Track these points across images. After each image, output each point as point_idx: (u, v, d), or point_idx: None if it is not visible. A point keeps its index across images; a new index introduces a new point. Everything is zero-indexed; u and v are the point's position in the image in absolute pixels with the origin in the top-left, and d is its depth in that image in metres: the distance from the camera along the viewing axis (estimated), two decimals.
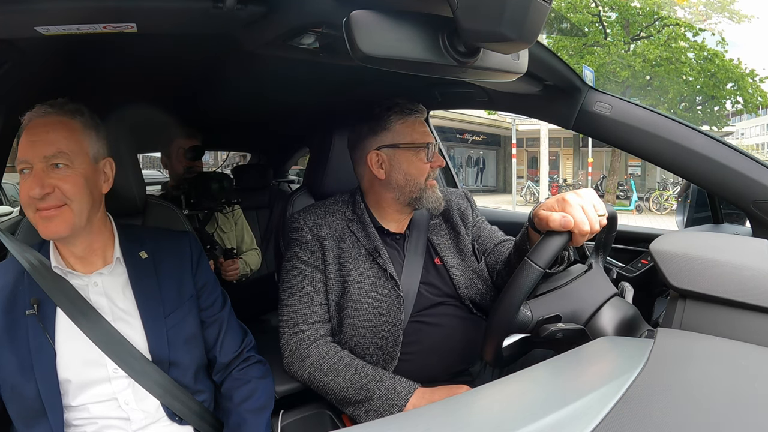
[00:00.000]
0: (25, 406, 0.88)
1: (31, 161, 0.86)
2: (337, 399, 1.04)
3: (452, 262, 1.18)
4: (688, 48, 12.76)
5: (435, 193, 1.13)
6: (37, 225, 0.87)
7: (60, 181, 0.87)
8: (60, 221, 0.86)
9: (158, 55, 1.07)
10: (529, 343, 1.02)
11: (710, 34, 13.35)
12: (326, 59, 0.85)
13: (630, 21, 12.98)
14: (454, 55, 0.68)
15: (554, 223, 0.86)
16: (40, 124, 0.89)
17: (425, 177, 1.12)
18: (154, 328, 0.94)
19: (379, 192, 1.16)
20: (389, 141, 1.12)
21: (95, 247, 0.95)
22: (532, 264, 0.83)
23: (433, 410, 0.65)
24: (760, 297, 0.72)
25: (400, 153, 1.11)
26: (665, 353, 0.65)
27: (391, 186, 1.13)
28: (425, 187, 1.12)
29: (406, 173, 1.11)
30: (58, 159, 0.87)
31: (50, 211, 0.86)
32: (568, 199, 0.88)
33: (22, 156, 0.87)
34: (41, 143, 0.87)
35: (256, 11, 0.74)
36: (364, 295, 1.08)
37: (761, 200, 1.03)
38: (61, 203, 0.86)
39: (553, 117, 1.28)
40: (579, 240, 0.88)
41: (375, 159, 1.13)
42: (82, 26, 0.73)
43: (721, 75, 12.76)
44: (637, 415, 0.52)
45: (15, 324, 0.89)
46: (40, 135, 0.87)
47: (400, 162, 1.11)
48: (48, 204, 0.85)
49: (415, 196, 1.12)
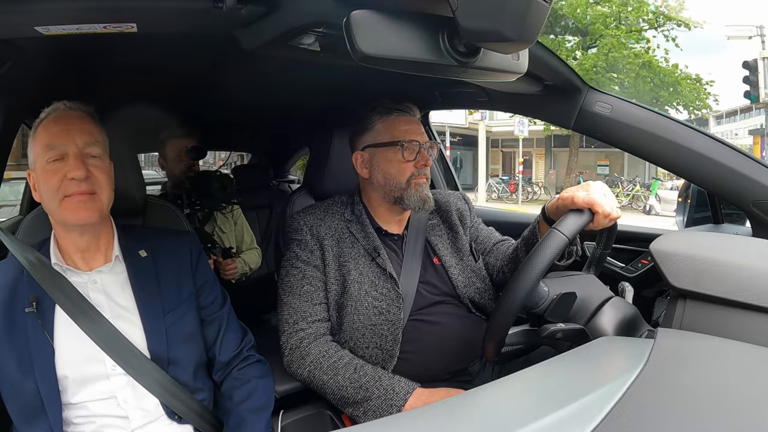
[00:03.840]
0: (25, 404, 0.88)
1: (66, 147, 0.89)
2: (336, 398, 1.04)
3: (450, 262, 1.18)
4: (626, 56, 13.51)
5: (419, 192, 1.10)
6: (64, 211, 0.89)
7: (95, 169, 0.90)
8: (92, 207, 0.90)
9: (158, 55, 1.07)
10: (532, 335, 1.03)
11: (661, 41, 14.20)
12: (326, 59, 0.85)
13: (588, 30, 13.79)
14: (454, 55, 0.68)
15: (579, 200, 0.92)
16: (73, 116, 0.92)
17: (407, 176, 1.10)
18: (153, 325, 0.94)
19: (368, 192, 1.17)
20: (370, 141, 1.13)
21: (100, 242, 0.96)
22: (558, 233, 0.87)
23: (433, 410, 0.65)
24: (761, 297, 0.72)
25: (379, 152, 1.12)
26: (665, 353, 0.65)
27: (374, 185, 1.14)
28: (406, 186, 1.10)
29: (384, 172, 1.11)
30: (93, 148, 0.91)
31: (84, 196, 0.88)
32: (591, 184, 0.94)
33: (56, 141, 0.89)
34: (77, 131, 0.90)
35: (256, 11, 0.74)
36: (363, 294, 1.08)
37: (761, 200, 1.03)
38: (94, 191, 0.90)
39: (553, 117, 1.28)
40: (601, 221, 0.92)
41: (359, 159, 1.14)
42: (82, 26, 0.73)
43: (657, 81, 13.56)
44: (637, 415, 0.52)
45: (14, 322, 0.89)
46: (74, 124, 0.91)
47: (378, 161, 1.12)
48: (83, 189, 0.88)
49: (396, 195, 1.11)
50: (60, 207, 0.89)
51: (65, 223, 0.91)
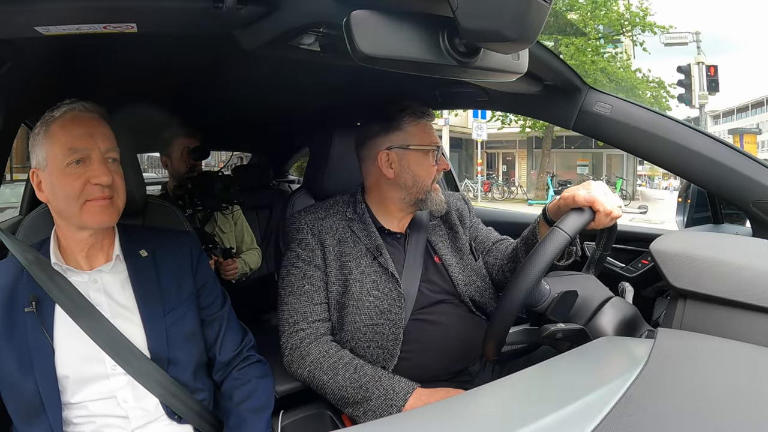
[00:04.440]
0: (25, 404, 0.88)
1: (90, 151, 0.90)
2: (336, 398, 1.04)
3: (451, 261, 1.19)
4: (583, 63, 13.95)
5: (439, 196, 1.16)
6: (85, 215, 0.89)
7: (115, 174, 0.92)
8: (112, 211, 0.92)
9: (158, 56, 1.07)
10: (532, 334, 1.03)
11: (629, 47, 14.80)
12: (326, 59, 0.85)
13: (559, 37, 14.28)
14: (454, 55, 0.68)
15: (579, 198, 0.92)
16: (91, 119, 0.92)
17: (432, 179, 1.14)
18: (153, 325, 0.94)
19: (385, 191, 1.17)
20: (400, 141, 1.14)
21: (104, 241, 0.97)
22: (560, 230, 0.87)
23: (433, 410, 0.65)
24: (761, 297, 0.72)
25: (410, 154, 1.13)
26: (665, 353, 0.65)
27: (399, 186, 1.15)
28: (431, 189, 1.14)
29: (414, 174, 1.13)
30: (113, 153, 0.93)
31: (105, 201, 0.90)
32: (591, 183, 0.95)
33: (79, 145, 0.89)
34: (100, 136, 0.91)
35: (256, 11, 0.74)
36: (365, 294, 1.09)
37: (761, 200, 1.03)
38: (113, 195, 0.91)
39: (553, 117, 1.28)
40: (602, 220, 0.93)
41: (385, 158, 1.14)
42: (82, 26, 0.73)
43: (612, 86, 13.95)
44: (638, 416, 0.52)
45: (14, 322, 0.89)
46: (96, 128, 0.92)
47: (409, 163, 1.13)
48: (105, 194, 0.90)
49: (421, 197, 1.14)
50: (81, 211, 0.89)
51: (84, 226, 0.92)
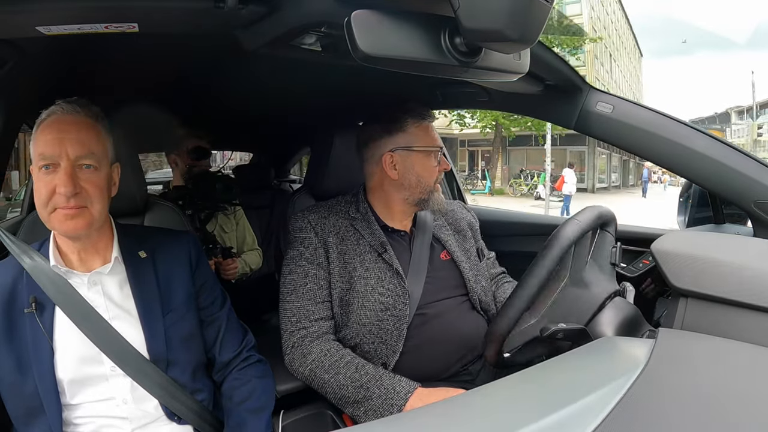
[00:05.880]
0: (24, 405, 0.88)
1: (58, 158, 0.86)
2: (337, 397, 1.04)
3: (460, 258, 1.22)
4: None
5: (440, 196, 1.18)
6: (53, 222, 0.88)
7: (86, 182, 0.87)
8: (81, 220, 0.87)
9: (159, 56, 1.07)
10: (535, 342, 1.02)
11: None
12: (327, 59, 0.85)
13: None
14: (455, 55, 0.68)
15: None
16: (70, 122, 0.88)
17: (434, 179, 1.16)
18: (152, 326, 0.94)
19: (389, 191, 1.18)
20: (404, 143, 1.14)
21: (98, 245, 0.96)
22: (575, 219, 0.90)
23: (434, 410, 0.65)
24: (761, 297, 0.72)
25: (414, 155, 1.14)
26: (666, 353, 0.65)
27: (403, 186, 1.16)
28: (434, 189, 1.16)
29: (418, 175, 1.14)
30: (88, 160, 0.88)
31: (72, 210, 0.86)
32: None
33: (48, 151, 0.86)
34: (73, 142, 0.87)
35: (258, 11, 0.74)
36: (370, 291, 1.09)
37: (763, 200, 1.03)
38: (83, 204, 0.87)
39: (554, 117, 1.28)
40: None
41: (389, 160, 1.15)
42: (83, 26, 0.73)
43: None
44: (638, 416, 0.52)
45: (14, 322, 0.89)
46: (71, 133, 0.87)
47: (413, 164, 1.14)
48: (72, 204, 0.86)
49: (424, 197, 1.16)
50: (50, 218, 0.88)
51: (55, 231, 0.91)
